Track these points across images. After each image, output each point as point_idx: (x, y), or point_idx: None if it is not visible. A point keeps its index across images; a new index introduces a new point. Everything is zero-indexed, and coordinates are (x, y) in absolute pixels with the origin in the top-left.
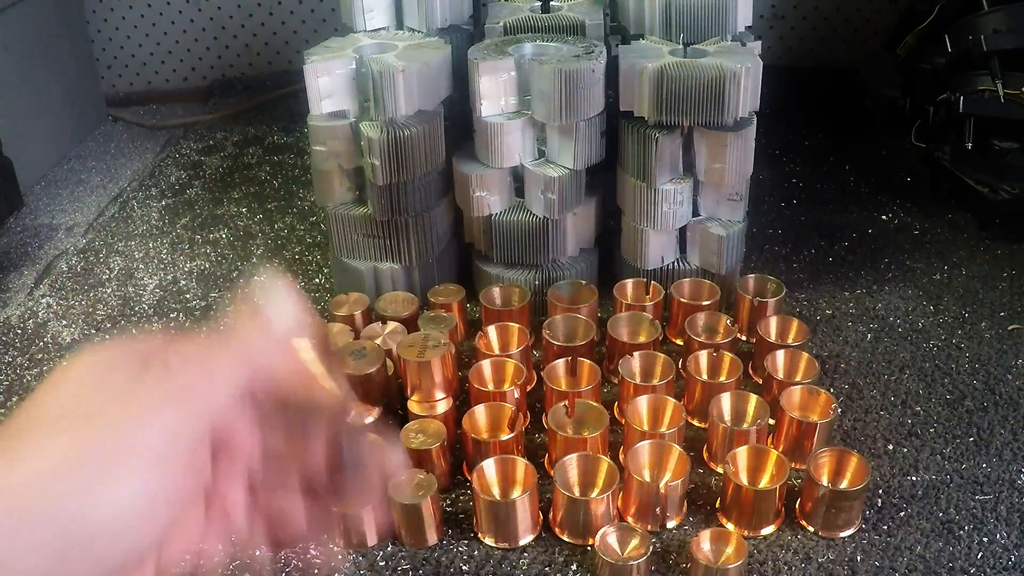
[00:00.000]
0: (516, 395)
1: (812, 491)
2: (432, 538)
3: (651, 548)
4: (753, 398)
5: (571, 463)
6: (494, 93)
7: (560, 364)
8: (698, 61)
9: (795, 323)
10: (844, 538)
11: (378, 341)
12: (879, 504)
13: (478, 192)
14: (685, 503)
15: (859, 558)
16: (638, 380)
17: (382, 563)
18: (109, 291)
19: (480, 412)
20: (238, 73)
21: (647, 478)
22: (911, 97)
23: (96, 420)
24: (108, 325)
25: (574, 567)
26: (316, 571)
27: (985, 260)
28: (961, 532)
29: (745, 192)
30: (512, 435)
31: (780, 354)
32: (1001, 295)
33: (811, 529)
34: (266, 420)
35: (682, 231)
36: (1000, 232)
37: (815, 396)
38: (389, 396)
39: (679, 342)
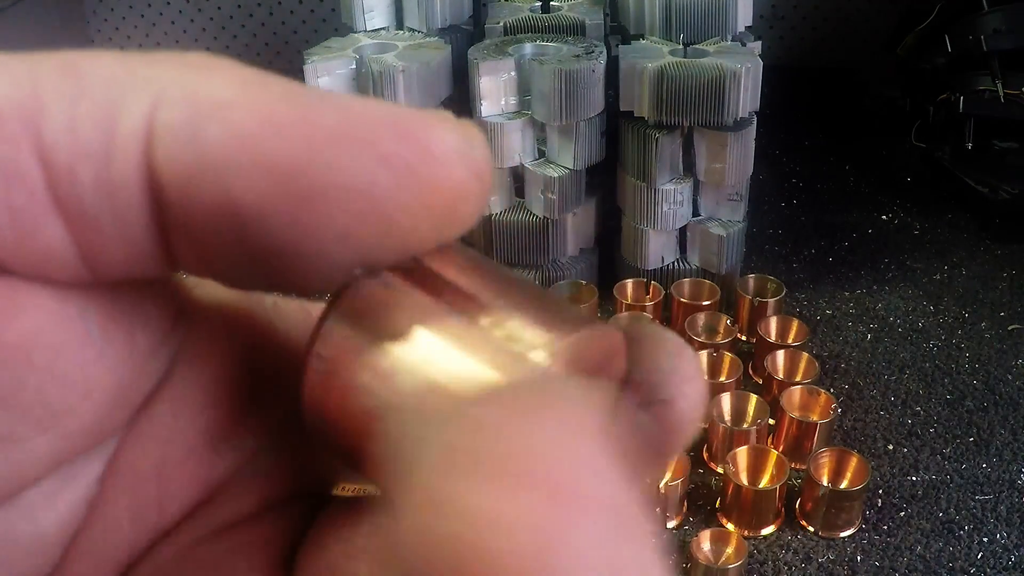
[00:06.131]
0: None
1: (812, 491)
2: None
3: None
4: (753, 398)
5: None
6: (494, 93)
7: None
8: (698, 61)
9: (795, 323)
10: (844, 538)
11: None
12: (879, 504)
13: None
14: (685, 503)
15: (859, 558)
16: None
17: None
18: None
19: None
20: None
21: None
22: (911, 97)
23: None
24: None
25: None
26: None
27: (985, 260)
28: (961, 532)
29: (745, 192)
30: None
31: (780, 354)
32: (1001, 295)
33: (811, 529)
34: None
35: (682, 231)
36: (1000, 232)
37: (815, 396)
38: None
39: None
